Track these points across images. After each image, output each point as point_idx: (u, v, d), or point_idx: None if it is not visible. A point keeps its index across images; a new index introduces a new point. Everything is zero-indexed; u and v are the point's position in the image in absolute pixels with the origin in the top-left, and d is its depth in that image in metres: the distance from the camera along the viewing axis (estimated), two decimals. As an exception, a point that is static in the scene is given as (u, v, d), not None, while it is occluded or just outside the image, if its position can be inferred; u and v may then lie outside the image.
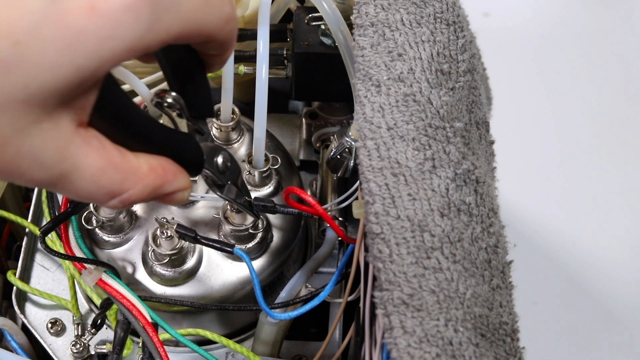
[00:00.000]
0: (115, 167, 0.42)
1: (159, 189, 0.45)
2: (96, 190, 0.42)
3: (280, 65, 0.71)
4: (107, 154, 0.42)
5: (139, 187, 0.43)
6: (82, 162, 0.41)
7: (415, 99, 0.52)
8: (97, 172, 0.41)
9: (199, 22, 0.42)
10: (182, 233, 0.60)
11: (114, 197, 0.43)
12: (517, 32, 1.44)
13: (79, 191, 0.42)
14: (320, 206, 0.59)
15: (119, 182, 0.42)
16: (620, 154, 1.32)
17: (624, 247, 1.23)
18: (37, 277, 0.71)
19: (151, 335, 0.59)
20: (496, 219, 0.52)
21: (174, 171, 0.46)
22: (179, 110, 0.47)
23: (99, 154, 0.41)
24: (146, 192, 0.44)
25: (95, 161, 0.41)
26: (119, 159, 0.42)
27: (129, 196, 0.43)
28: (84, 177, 0.41)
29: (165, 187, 0.45)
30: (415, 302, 0.46)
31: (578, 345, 1.17)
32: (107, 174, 0.42)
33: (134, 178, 0.43)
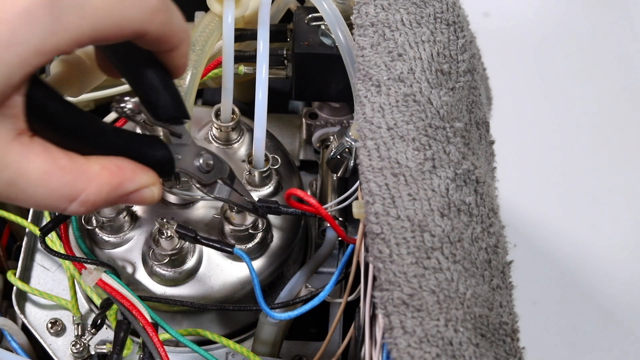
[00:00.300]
0: (62, 169, 0.42)
1: (119, 187, 0.45)
2: (49, 195, 0.42)
3: (280, 65, 0.71)
4: (52, 157, 0.42)
5: (95, 186, 0.43)
6: (25, 168, 0.41)
7: (415, 99, 0.52)
8: (44, 176, 0.41)
9: (115, 18, 0.42)
10: (182, 233, 0.60)
11: (71, 200, 0.43)
12: (517, 32, 1.44)
13: (31, 198, 0.42)
14: (322, 207, 0.59)
15: (70, 184, 0.42)
16: (621, 154, 1.32)
17: (624, 247, 1.23)
18: (37, 277, 0.71)
19: (151, 335, 0.59)
20: (496, 219, 0.52)
21: (131, 169, 0.46)
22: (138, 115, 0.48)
23: (43, 158, 0.42)
24: (104, 191, 0.44)
25: (39, 165, 0.41)
26: (66, 161, 0.43)
27: (86, 196, 0.43)
28: (31, 182, 0.41)
29: (126, 185, 0.45)
30: (416, 302, 0.46)
31: (578, 345, 1.17)
32: (54, 176, 0.42)
33: (85, 178, 0.43)
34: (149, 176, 0.47)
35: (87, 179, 0.43)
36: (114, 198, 0.45)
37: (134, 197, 0.47)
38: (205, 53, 0.64)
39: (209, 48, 0.64)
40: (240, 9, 0.65)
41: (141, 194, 0.47)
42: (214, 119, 0.68)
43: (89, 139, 0.45)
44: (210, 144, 0.69)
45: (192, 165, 0.54)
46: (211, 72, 0.70)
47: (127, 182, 0.45)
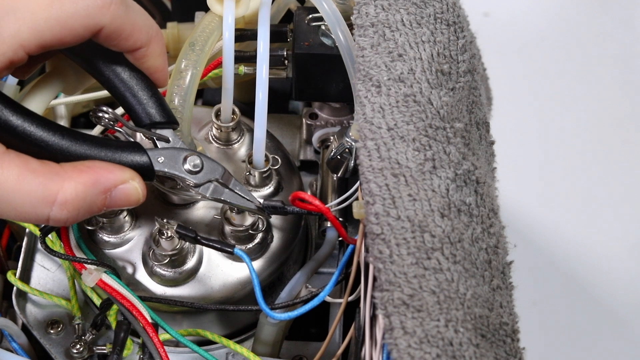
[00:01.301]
0: (34, 171, 0.43)
1: (95, 184, 0.45)
2: (26, 199, 0.43)
3: (281, 66, 0.71)
4: (24, 163, 0.43)
5: (69, 185, 0.44)
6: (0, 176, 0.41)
7: (415, 99, 0.52)
8: (18, 179, 0.42)
9: (56, 18, 0.43)
10: (182, 233, 0.60)
11: (49, 202, 0.43)
12: (517, 32, 1.44)
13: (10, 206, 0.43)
14: (327, 209, 0.59)
15: (44, 184, 0.43)
16: (621, 155, 1.32)
17: (625, 247, 1.23)
18: (37, 278, 0.71)
19: (151, 336, 0.59)
20: (496, 220, 0.52)
21: (105, 166, 0.46)
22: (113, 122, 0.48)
23: (16, 165, 0.43)
24: (80, 190, 0.44)
25: (13, 171, 0.42)
26: (38, 165, 0.44)
27: (63, 196, 0.44)
28: (7, 188, 0.42)
29: (102, 181, 0.46)
30: (416, 302, 0.46)
31: (578, 345, 1.17)
32: (27, 178, 0.43)
33: (57, 178, 0.44)
34: (126, 172, 0.48)
35: (59, 178, 0.44)
36: (94, 197, 0.45)
37: (118, 195, 0.47)
38: (205, 53, 0.64)
39: (209, 48, 0.64)
40: (240, 9, 0.65)
41: (124, 190, 0.47)
42: (214, 119, 0.68)
43: (59, 147, 0.46)
44: (210, 144, 0.69)
45: (179, 168, 0.55)
46: (211, 72, 0.70)
47: (102, 179, 0.46)
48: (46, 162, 0.44)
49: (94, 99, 0.75)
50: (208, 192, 0.58)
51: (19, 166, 0.43)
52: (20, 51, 0.42)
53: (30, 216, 0.45)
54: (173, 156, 0.54)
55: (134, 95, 0.51)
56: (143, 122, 0.53)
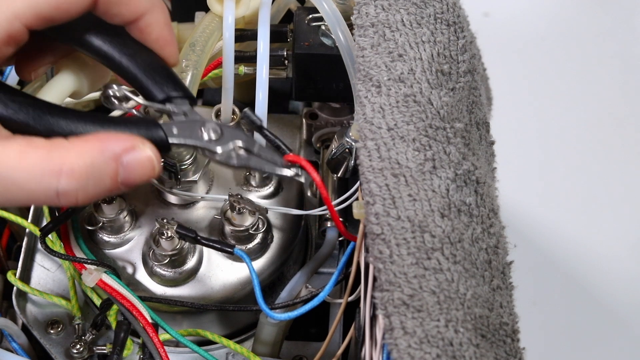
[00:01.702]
0: (36, 146, 0.41)
1: (103, 151, 0.43)
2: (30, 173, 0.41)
3: (281, 66, 0.71)
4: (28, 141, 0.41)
5: (75, 153, 0.41)
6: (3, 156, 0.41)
7: (415, 99, 0.52)
8: (18, 156, 0.41)
9: None
10: (182, 234, 0.60)
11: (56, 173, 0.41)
12: (517, 32, 1.44)
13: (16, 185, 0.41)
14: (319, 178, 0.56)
15: (47, 156, 0.41)
16: (621, 154, 1.32)
17: (625, 247, 1.23)
18: (37, 278, 0.71)
19: (151, 336, 0.59)
20: (496, 220, 0.52)
21: (113, 135, 0.44)
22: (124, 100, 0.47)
23: (17, 144, 0.41)
24: (87, 156, 0.42)
25: (13, 149, 0.41)
26: (41, 141, 0.42)
27: (70, 165, 0.41)
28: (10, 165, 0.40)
29: (110, 148, 0.43)
30: (416, 302, 0.46)
31: (578, 345, 1.17)
32: (29, 153, 0.41)
33: (61, 148, 0.41)
34: (135, 138, 0.45)
35: (63, 148, 0.42)
36: (103, 164, 0.43)
37: (130, 163, 0.44)
38: (205, 53, 0.64)
39: (209, 48, 0.64)
40: (240, 10, 0.65)
41: (135, 157, 0.44)
42: (214, 119, 0.68)
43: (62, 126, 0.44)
44: (210, 144, 0.69)
45: (197, 137, 0.51)
46: (211, 73, 0.70)
47: (110, 145, 0.43)
48: (51, 139, 0.43)
49: (94, 99, 0.75)
50: (234, 160, 0.53)
51: (21, 144, 0.41)
52: (17, 23, 0.40)
53: (38, 193, 0.42)
54: (189, 127, 0.51)
55: (144, 71, 0.48)
56: (157, 97, 0.50)
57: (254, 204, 0.63)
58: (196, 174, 0.65)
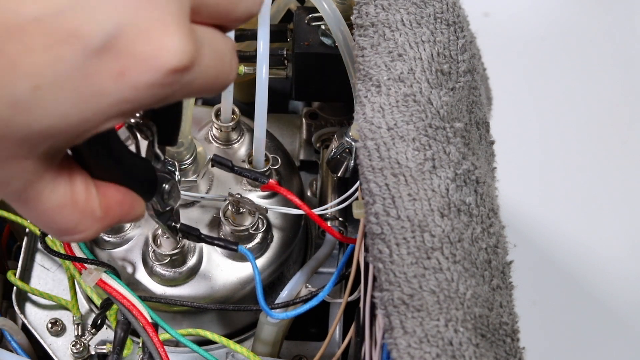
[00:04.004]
0: (74, 204, 0.41)
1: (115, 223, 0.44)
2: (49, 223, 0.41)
3: (281, 66, 0.71)
4: (72, 191, 0.41)
5: (96, 228, 0.42)
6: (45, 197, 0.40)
7: (415, 99, 0.52)
8: (55, 209, 0.40)
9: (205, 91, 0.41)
10: (185, 232, 0.60)
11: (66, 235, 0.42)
12: (517, 32, 1.44)
13: (32, 218, 0.41)
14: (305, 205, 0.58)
15: (75, 222, 0.41)
16: (621, 154, 1.32)
17: (624, 247, 1.23)
18: (37, 277, 0.71)
19: (151, 336, 0.59)
20: (496, 219, 0.52)
21: (131, 202, 0.45)
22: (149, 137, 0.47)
23: (64, 191, 0.41)
24: (103, 229, 0.44)
25: (57, 198, 0.40)
26: (83, 196, 0.42)
27: (83, 237, 0.42)
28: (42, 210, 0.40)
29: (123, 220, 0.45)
30: (416, 302, 0.46)
31: (578, 345, 1.17)
32: (64, 212, 0.41)
33: (90, 220, 0.42)
34: (141, 209, 0.46)
35: (92, 221, 0.42)
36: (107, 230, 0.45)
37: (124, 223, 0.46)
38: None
39: (209, 48, 0.64)
40: (240, 9, 0.65)
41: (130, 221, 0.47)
42: (214, 119, 0.68)
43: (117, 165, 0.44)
44: (210, 144, 0.69)
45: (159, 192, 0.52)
46: (211, 72, 0.69)
47: (125, 218, 0.45)
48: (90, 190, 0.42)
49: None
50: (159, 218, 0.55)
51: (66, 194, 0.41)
52: None
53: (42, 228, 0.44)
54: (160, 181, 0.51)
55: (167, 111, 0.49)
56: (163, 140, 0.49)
57: (254, 204, 0.63)
58: (196, 174, 0.65)
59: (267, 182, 0.63)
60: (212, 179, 0.67)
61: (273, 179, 0.64)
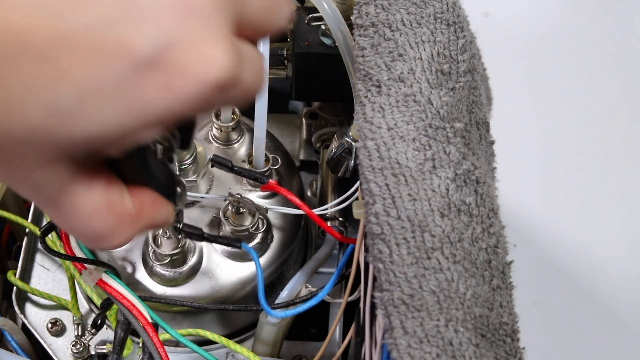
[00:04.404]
0: (111, 209, 0.41)
1: (149, 225, 0.44)
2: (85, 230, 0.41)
3: (281, 65, 0.71)
4: (109, 196, 0.41)
5: (131, 231, 0.42)
6: (80, 202, 0.39)
7: (415, 99, 0.52)
8: (92, 214, 0.40)
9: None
10: (188, 232, 0.60)
11: (102, 240, 0.41)
12: (517, 32, 1.44)
13: (67, 225, 0.41)
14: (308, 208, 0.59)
15: (110, 227, 0.41)
16: (621, 154, 1.32)
17: (624, 247, 1.23)
18: (37, 277, 0.71)
19: (151, 336, 0.59)
20: (496, 220, 0.52)
21: (162, 204, 0.45)
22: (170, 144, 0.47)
23: (100, 196, 0.40)
24: (137, 232, 0.43)
25: (93, 203, 0.40)
26: (118, 201, 0.41)
27: (119, 241, 0.42)
28: (77, 215, 0.40)
29: (155, 222, 0.44)
30: (416, 302, 0.46)
31: (578, 345, 1.17)
32: (101, 217, 0.40)
33: (124, 225, 0.42)
34: (170, 210, 0.46)
35: (127, 224, 0.42)
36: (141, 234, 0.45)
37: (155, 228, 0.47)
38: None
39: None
40: (240, 9, 0.65)
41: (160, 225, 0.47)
42: (214, 119, 0.68)
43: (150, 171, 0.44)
44: (210, 144, 0.69)
45: None
46: (211, 72, 0.69)
47: (157, 220, 0.45)
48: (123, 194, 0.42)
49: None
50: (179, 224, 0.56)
51: (101, 199, 0.40)
52: None
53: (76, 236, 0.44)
54: None
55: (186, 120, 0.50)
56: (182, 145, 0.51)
57: (254, 204, 0.63)
58: (196, 174, 0.65)
59: (267, 182, 0.63)
60: (212, 179, 0.67)
61: (273, 179, 0.64)
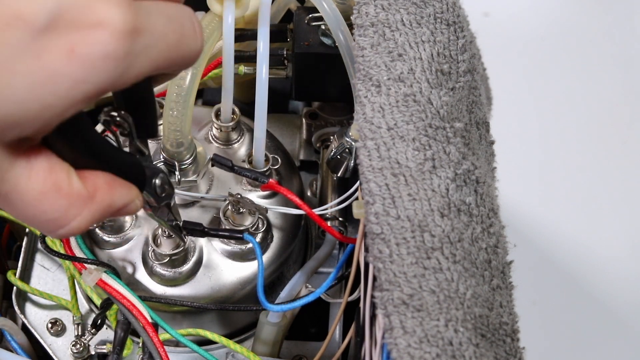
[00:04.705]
0: (58, 191, 0.41)
1: (109, 207, 0.44)
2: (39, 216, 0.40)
3: (281, 66, 0.71)
4: (53, 177, 0.40)
5: (87, 212, 0.42)
6: (23, 186, 0.39)
7: (415, 99, 0.52)
8: (39, 197, 0.40)
9: (171, 59, 0.41)
10: (189, 229, 0.60)
11: (59, 226, 0.41)
12: (517, 32, 1.44)
13: (20, 214, 0.40)
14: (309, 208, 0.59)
15: (63, 209, 0.41)
16: (621, 154, 1.32)
17: (624, 247, 1.23)
18: (37, 277, 0.71)
19: (151, 336, 0.59)
20: (496, 219, 0.52)
21: (120, 184, 0.45)
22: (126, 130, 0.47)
23: (44, 178, 0.40)
24: (97, 215, 0.42)
25: (37, 185, 0.40)
26: (65, 183, 0.41)
27: (78, 224, 0.42)
28: (25, 200, 0.39)
29: (116, 205, 0.44)
30: (416, 302, 0.46)
31: (578, 345, 1.17)
32: (49, 199, 0.40)
33: (79, 204, 0.41)
34: (134, 190, 0.46)
35: (80, 205, 0.42)
36: (103, 217, 0.44)
37: (120, 212, 0.46)
38: (205, 53, 0.64)
39: (209, 48, 0.64)
40: (240, 9, 0.65)
41: (127, 208, 0.46)
42: (214, 119, 0.68)
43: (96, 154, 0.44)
44: (210, 144, 0.69)
45: (150, 187, 0.53)
46: (211, 72, 0.70)
47: (117, 202, 0.44)
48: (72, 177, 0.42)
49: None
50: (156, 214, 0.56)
51: (46, 180, 0.40)
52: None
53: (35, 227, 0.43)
54: (150, 175, 0.52)
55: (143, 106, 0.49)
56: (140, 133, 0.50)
57: (254, 204, 0.63)
58: (196, 173, 0.65)
59: (267, 182, 0.63)
60: (212, 179, 0.67)
61: (273, 179, 0.64)
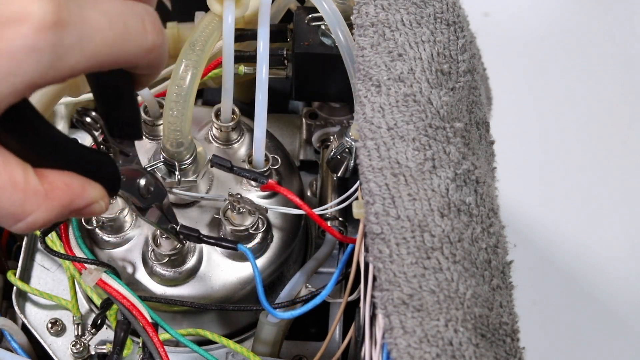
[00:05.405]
0: (14, 185, 0.41)
1: (69, 206, 0.44)
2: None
3: (281, 66, 0.71)
4: (7, 171, 0.41)
5: (45, 208, 0.42)
6: None
7: (415, 99, 0.52)
8: None
9: (113, 54, 0.41)
10: (185, 233, 0.60)
11: (17, 220, 0.41)
12: (517, 32, 1.44)
13: None
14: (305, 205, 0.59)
15: (20, 203, 0.41)
16: (621, 154, 1.32)
17: (624, 247, 1.23)
18: (37, 277, 0.71)
19: (151, 336, 0.59)
20: (496, 219, 0.52)
21: (81, 184, 0.45)
22: (98, 130, 0.47)
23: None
24: (55, 212, 0.43)
25: None
26: (21, 177, 0.41)
27: (35, 219, 0.42)
28: None
29: (76, 202, 0.44)
30: (416, 302, 0.46)
31: (578, 345, 1.17)
32: (5, 192, 0.40)
33: (35, 199, 0.42)
34: (98, 191, 0.46)
35: (37, 200, 0.42)
36: (63, 216, 0.44)
37: (83, 212, 0.46)
38: (205, 53, 0.64)
39: (209, 48, 0.64)
40: (240, 9, 0.65)
41: (90, 209, 0.46)
42: (214, 119, 0.68)
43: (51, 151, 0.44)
44: (210, 144, 0.69)
45: (133, 188, 0.53)
46: (211, 72, 0.70)
47: (77, 200, 0.44)
48: (28, 172, 0.42)
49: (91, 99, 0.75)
50: (146, 215, 0.56)
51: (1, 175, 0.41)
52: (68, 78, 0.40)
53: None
54: (132, 175, 0.53)
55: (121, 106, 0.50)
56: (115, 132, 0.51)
57: (254, 204, 0.63)
58: (196, 174, 0.65)
59: (267, 182, 0.63)
60: (212, 179, 0.67)
61: (273, 179, 0.64)
